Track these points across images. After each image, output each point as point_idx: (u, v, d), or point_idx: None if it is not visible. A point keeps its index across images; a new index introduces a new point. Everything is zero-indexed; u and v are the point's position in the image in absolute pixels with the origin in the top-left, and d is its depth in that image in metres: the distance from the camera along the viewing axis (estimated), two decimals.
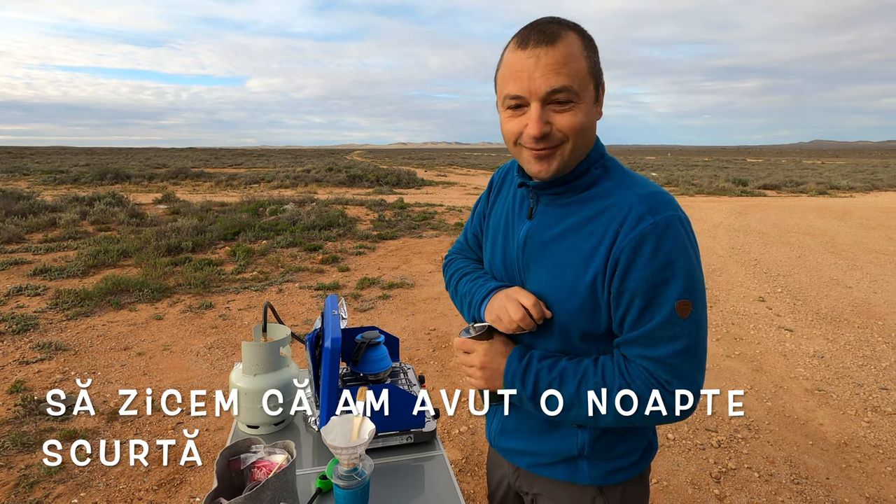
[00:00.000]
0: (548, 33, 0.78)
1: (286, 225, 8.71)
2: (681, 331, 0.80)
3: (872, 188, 20.16)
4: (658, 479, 2.57)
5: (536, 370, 0.89)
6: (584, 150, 0.85)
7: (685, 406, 0.82)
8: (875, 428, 3.06)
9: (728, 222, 10.65)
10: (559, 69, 0.77)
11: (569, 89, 0.78)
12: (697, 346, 0.81)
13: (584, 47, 0.80)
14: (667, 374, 0.81)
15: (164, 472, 2.52)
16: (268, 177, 20.61)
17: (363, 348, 1.57)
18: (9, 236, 7.49)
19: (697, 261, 0.83)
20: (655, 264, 0.78)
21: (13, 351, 3.87)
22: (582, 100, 0.80)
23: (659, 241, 0.78)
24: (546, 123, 0.80)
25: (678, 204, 0.84)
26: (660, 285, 0.79)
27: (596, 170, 0.88)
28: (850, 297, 5.59)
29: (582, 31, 0.82)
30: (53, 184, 17.84)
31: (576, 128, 0.81)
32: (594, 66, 0.82)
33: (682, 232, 0.80)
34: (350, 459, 1.07)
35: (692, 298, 0.80)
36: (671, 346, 0.80)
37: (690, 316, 0.80)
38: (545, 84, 0.77)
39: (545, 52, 0.77)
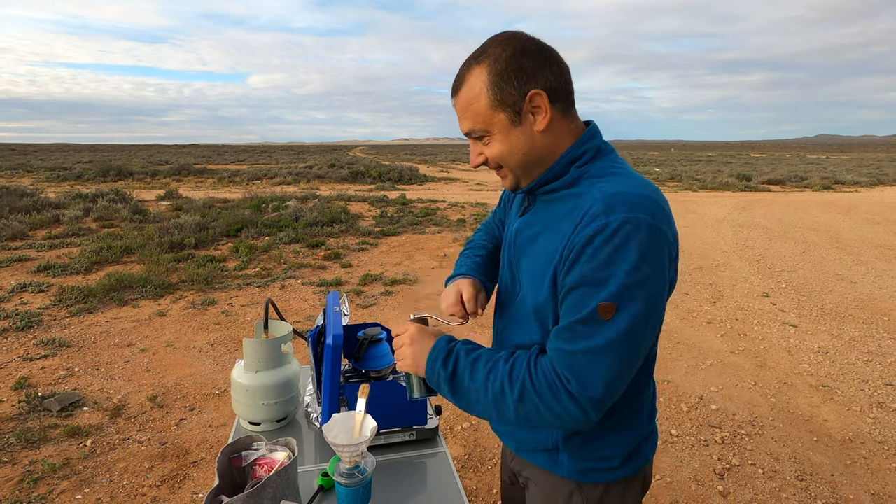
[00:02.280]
0: (455, 84, 0.90)
1: (289, 221, 8.71)
2: (596, 331, 0.78)
3: (878, 183, 20.03)
4: (661, 475, 2.56)
5: (457, 354, 0.90)
6: (533, 165, 0.90)
7: (577, 411, 0.79)
8: (880, 424, 3.04)
9: (732, 217, 10.60)
10: (464, 114, 0.89)
11: (474, 129, 0.89)
12: (612, 351, 0.78)
13: (487, 81, 0.85)
14: (569, 370, 0.79)
15: (167, 468, 2.53)
16: (270, 173, 20.63)
17: (365, 345, 1.56)
18: (13, 233, 7.52)
19: (647, 271, 0.77)
20: (594, 263, 0.78)
21: (17, 347, 3.89)
22: (493, 131, 0.88)
23: (605, 242, 0.77)
24: (479, 154, 0.92)
25: (649, 205, 0.79)
26: (594, 284, 0.78)
27: (577, 169, 0.89)
28: (855, 292, 5.56)
29: (494, 59, 0.85)
30: (57, 181, 17.88)
31: (499, 155, 0.90)
32: (499, 94, 0.85)
33: (632, 235, 0.76)
34: (352, 457, 1.07)
35: (618, 303, 0.76)
36: (581, 344, 0.79)
37: (612, 321, 0.77)
38: (462, 128, 0.91)
39: (455, 101, 0.91)
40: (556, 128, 0.88)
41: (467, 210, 11.14)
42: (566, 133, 0.90)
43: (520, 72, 0.84)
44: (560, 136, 0.89)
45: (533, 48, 0.85)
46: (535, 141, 0.88)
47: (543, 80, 0.85)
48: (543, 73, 0.85)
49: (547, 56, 0.86)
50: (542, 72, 0.85)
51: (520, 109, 0.85)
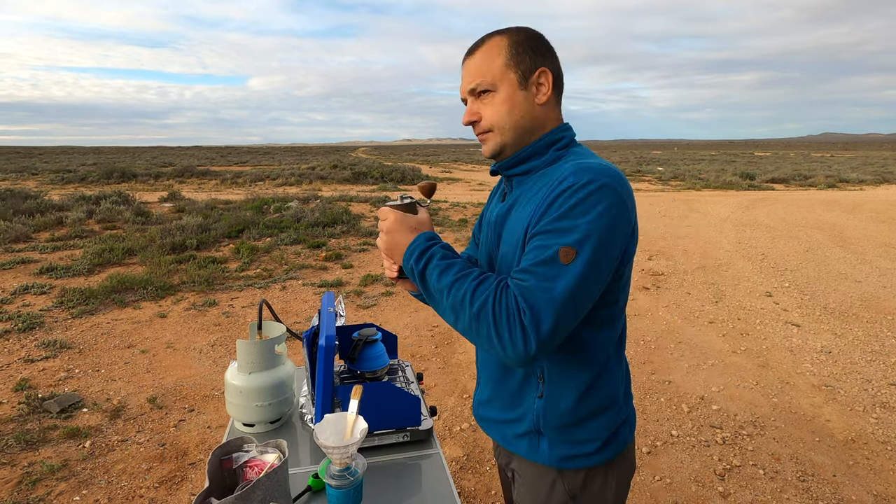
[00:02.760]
0: (473, 45, 1.00)
1: (290, 222, 8.72)
2: (556, 271, 0.83)
3: (883, 181, 19.91)
4: (661, 476, 2.55)
5: (432, 253, 0.94)
6: (523, 131, 0.98)
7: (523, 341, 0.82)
8: (883, 424, 3.01)
9: (735, 216, 10.55)
10: (476, 70, 0.98)
11: (481, 83, 0.97)
12: (567, 294, 0.82)
13: (507, 45, 0.96)
14: (526, 302, 0.83)
15: (165, 470, 2.53)
16: (272, 174, 20.67)
17: (360, 346, 1.55)
18: (16, 235, 7.55)
19: (607, 228, 0.84)
20: (559, 212, 0.85)
21: (19, 349, 3.90)
22: (499, 88, 0.96)
23: (571, 195, 0.85)
24: (474, 113, 1.00)
25: (616, 179, 0.87)
26: (556, 232, 0.85)
27: (556, 152, 0.98)
28: (859, 291, 5.52)
29: (515, 32, 0.97)
30: (61, 183, 17.97)
31: (494, 115, 0.97)
32: (515, 58, 0.96)
33: (596, 195, 0.84)
34: (342, 458, 1.06)
35: (578, 249, 0.83)
36: (543, 283, 0.83)
37: (571, 264, 0.83)
38: (466, 85, 1.00)
39: (468, 60, 1.00)
40: (549, 107, 0.99)
41: (469, 210, 11.13)
42: (554, 117, 1.01)
43: (535, 49, 0.97)
44: (550, 116, 1.00)
45: (544, 40, 0.99)
46: (532, 109, 0.98)
47: (551, 63, 0.98)
48: (552, 59, 0.98)
49: (553, 49, 1.00)
50: (550, 56, 0.98)
51: (528, 77, 0.96)
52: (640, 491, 2.43)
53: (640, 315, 4.78)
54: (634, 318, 4.71)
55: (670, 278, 6.01)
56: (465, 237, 8.12)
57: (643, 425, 2.99)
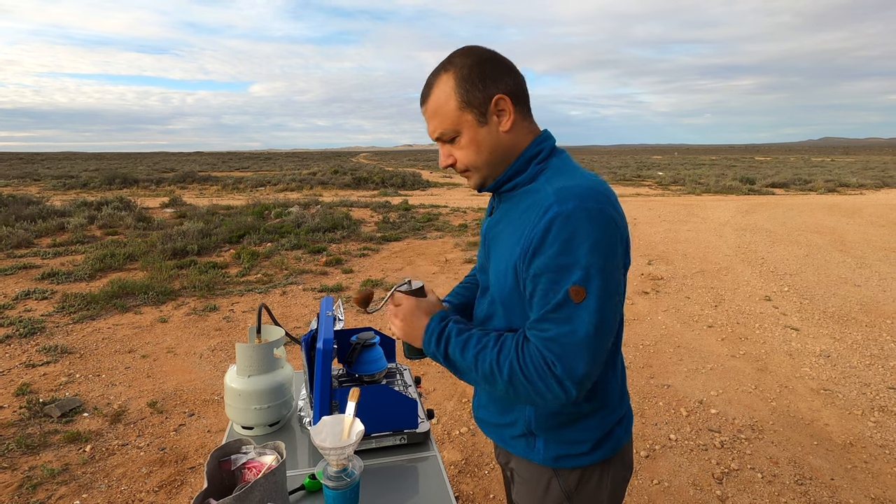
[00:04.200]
0: (423, 92, 0.97)
1: (291, 227, 8.75)
2: (573, 314, 0.84)
3: (883, 185, 19.93)
4: (659, 479, 2.55)
5: (448, 333, 0.98)
6: (498, 162, 0.97)
7: (562, 389, 0.86)
8: (882, 428, 3.02)
9: (735, 221, 10.57)
10: (433, 119, 0.96)
11: (444, 132, 0.96)
12: (591, 332, 0.84)
13: (454, 84, 0.93)
14: (553, 353, 0.85)
15: (165, 474, 2.54)
16: (274, 180, 20.72)
17: (358, 349, 1.57)
18: (18, 241, 7.59)
19: (604, 253, 0.84)
20: (554, 250, 0.85)
21: (20, 354, 3.92)
22: (462, 131, 0.95)
23: (561, 227, 0.84)
24: (448, 156, 0.99)
25: (599, 196, 0.87)
26: (558, 270, 0.85)
27: (536, 166, 0.97)
28: (859, 295, 5.53)
29: (460, 65, 0.93)
30: (63, 189, 18.04)
31: (468, 154, 0.96)
32: (466, 96, 0.92)
33: (584, 221, 0.84)
34: (339, 460, 1.07)
35: (587, 285, 0.84)
36: (563, 328, 0.85)
37: (584, 302, 0.84)
38: (430, 134, 0.98)
39: (424, 108, 0.98)
40: (517, 128, 0.96)
41: (469, 215, 11.15)
42: (526, 133, 0.98)
43: (484, 77, 0.92)
44: (521, 136, 0.97)
45: (492, 57, 0.94)
46: (500, 140, 0.95)
47: (505, 84, 0.93)
48: (504, 79, 0.94)
49: (505, 64, 0.95)
50: (502, 77, 0.94)
51: (485, 111, 0.93)
52: (638, 495, 2.44)
53: (639, 319, 4.79)
54: (633, 322, 4.72)
55: (670, 283, 6.02)
56: (465, 242, 8.14)
57: (641, 429, 3.00)
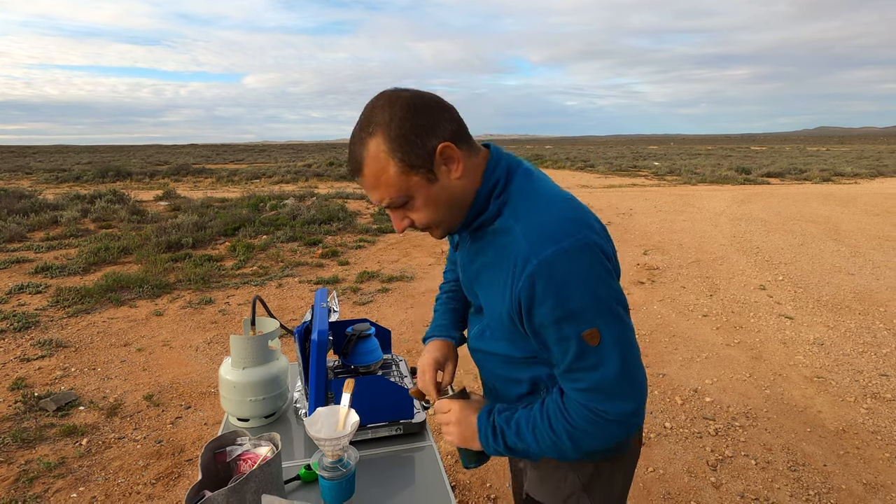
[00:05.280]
0: (353, 162, 0.85)
1: (286, 220, 8.71)
2: (597, 358, 0.81)
3: (878, 174, 20.02)
4: (654, 467, 2.57)
5: (499, 426, 0.95)
6: (458, 210, 0.90)
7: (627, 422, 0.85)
8: (874, 414, 3.05)
9: (730, 211, 10.59)
10: (375, 190, 0.85)
11: (394, 200, 0.85)
12: (621, 366, 0.82)
13: (387, 150, 0.81)
14: (600, 402, 0.84)
15: (162, 466, 2.54)
16: (269, 172, 20.62)
17: (353, 340, 1.57)
18: (11, 235, 7.52)
19: (598, 285, 0.81)
20: (550, 302, 0.80)
21: (14, 348, 3.90)
22: (412, 195, 0.85)
23: (547, 280, 0.79)
24: (404, 219, 0.90)
25: (572, 227, 0.81)
26: (561, 321, 0.81)
27: (496, 200, 0.89)
28: (852, 284, 5.57)
29: (386, 125, 0.80)
30: (56, 182, 17.89)
31: (425, 218, 0.89)
32: (405, 159, 0.81)
33: (568, 264, 0.79)
34: (334, 451, 1.07)
35: (597, 325, 0.80)
36: (594, 375, 0.83)
37: (602, 342, 0.81)
38: (377, 203, 0.88)
39: (360, 181, 0.86)
40: (468, 169, 0.88)
41: None
42: (477, 168, 0.89)
43: (419, 130, 0.81)
44: (474, 174, 0.89)
45: (419, 103, 0.82)
46: (454, 189, 0.87)
47: (443, 129, 0.83)
48: (441, 123, 0.83)
49: (434, 104, 0.84)
50: (439, 123, 0.83)
51: (432, 166, 0.83)
52: (633, 482, 2.45)
53: (634, 309, 4.81)
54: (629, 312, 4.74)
55: (665, 272, 6.04)
56: None
57: None
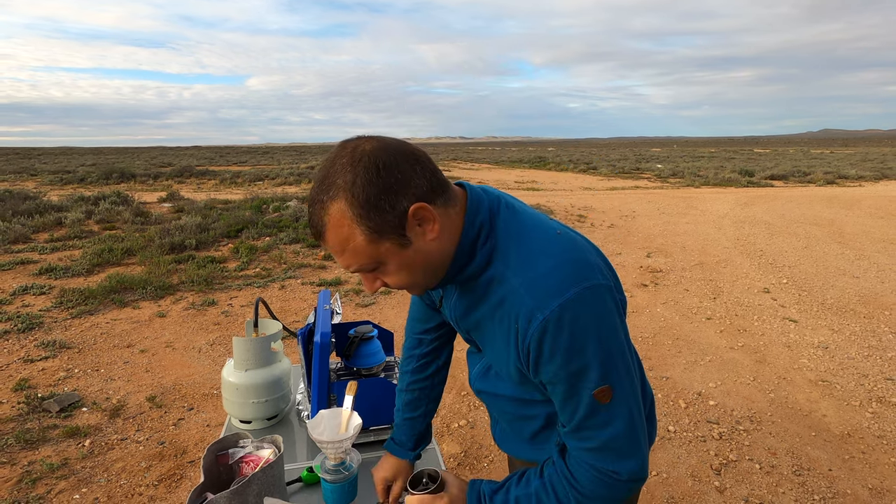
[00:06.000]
0: (315, 227, 0.76)
1: (289, 222, 8.72)
2: (608, 416, 0.78)
3: (882, 177, 19.93)
4: (658, 471, 2.56)
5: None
6: (437, 270, 0.81)
7: (639, 479, 0.82)
8: (879, 419, 3.03)
9: (734, 213, 10.56)
10: (341, 255, 0.76)
11: (364, 266, 0.77)
12: (631, 422, 0.79)
13: (352, 216, 0.71)
14: (610, 462, 0.79)
15: (164, 468, 2.54)
16: (272, 174, 20.67)
17: (356, 343, 1.56)
18: (15, 236, 7.56)
19: (609, 336, 0.76)
20: (559, 360, 0.75)
21: (18, 349, 3.91)
22: (383, 261, 0.77)
23: (555, 336, 0.73)
24: (375, 281, 0.81)
25: (574, 275, 0.75)
26: (571, 377, 0.76)
27: (483, 247, 0.80)
28: (857, 287, 5.54)
29: (350, 187, 0.71)
30: (60, 184, 17.97)
31: (399, 281, 0.80)
32: (373, 226, 0.72)
33: (577, 317, 0.73)
34: (336, 453, 1.07)
35: (609, 382, 0.76)
36: (604, 433, 0.79)
37: (613, 398, 0.77)
38: (345, 268, 0.79)
39: (325, 245, 0.77)
40: (445, 227, 0.78)
41: None
42: (455, 220, 0.79)
43: (387, 192, 0.71)
44: (453, 228, 0.79)
45: (386, 159, 0.72)
46: (431, 250, 0.78)
47: (415, 188, 0.73)
48: (412, 181, 0.73)
49: (404, 160, 0.73)
50: (409, 181, 0.73)
51: (403, 231, 0.74)
52: None
53: (637, 312, 4.80)
54: (632, 314, 4.72)
55: (668, 275, 6.02)
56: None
57: None
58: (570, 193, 14.55)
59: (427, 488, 0.93)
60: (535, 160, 34.73)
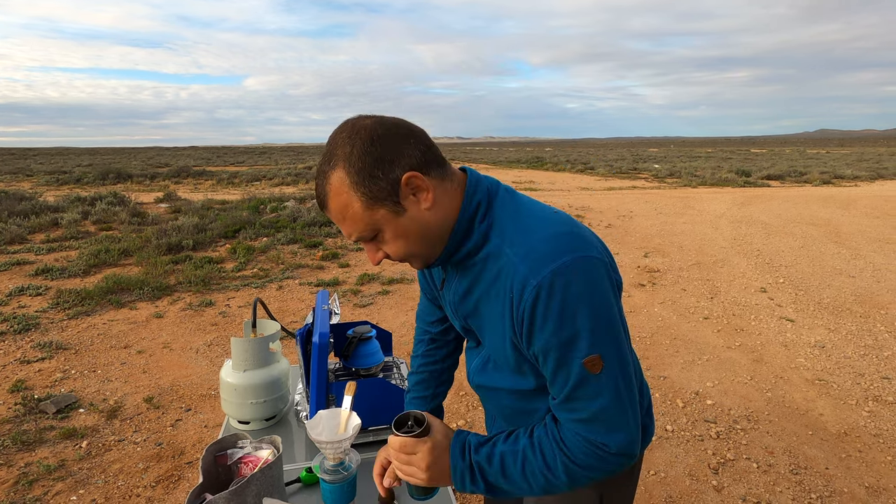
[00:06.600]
0: (318, 197, 0.82)
1: (287, 222, 8.71)
2: (597, 387, 0.78)
3: (878, 177, 20.03)
4: (656, 470, 2.56)
5: (478, 465, 0.86)
6: (436, 241, 0.85)
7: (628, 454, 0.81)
8: (876, 417, 3.04)
9: (731, 213, 10.59)
10: (343, 223, 0.82)
11: (363, 235, 0.82)
12: (621, 394, 0.79)
13: (350, 184, 0.77)
14: (600, 434, 0.80)
15: (162, 469, 2.53)
16: (269, 174, 20.63)
17: (354, 343, 1.56)
18: (11, 237, 7.53)
19: (601, 304, 0.77)
20: (551, 327, 0.76)
21: (14, 350, 3.90)
22: (380, 228, 0.81)
23: (547, 303, 0.75)
24: (377, 252, 0.86)
25: (568, 244, 0.77)
26: (562, 346, 0.77)
27: (481, 224, 0.84)
28: (853, 286, 5.56)
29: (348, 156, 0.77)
30: (56, 184, 17.90)
31: (398, 250, 0.84)
32: (369, 193, 0.77)
33: (569, 283, 0.75)
34: (335, 454, 1.07)
35: (599, 351, 0.76)
36: (593, 404, 0.79)
37: (603, 369, 0.77)
38: (347, 236, 0.84)
39: (328, 213, 0.83)
40: (441, 198, 0.82)
41: None
42: (453, 195, 0.84)
43: (380, 161, 0.77)
44: (449, 202, 0.84)
45: (381, 132, 0.78)
46: (427, 220, 0.82)
47: (408, 157, 0.78)
48: (405, 152, 0.78)
49: (398, 133, 0.79)
50: (402, 152, 0.78)
51: (398, 199, 0.79)
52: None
53: (635, 311, 4.81)
54: (630, 314, 4.73)
55: (666, 275, 6.04)
56: None
57: None
58: (568, 193, 14.57)
59: (412, 431, 0.90)
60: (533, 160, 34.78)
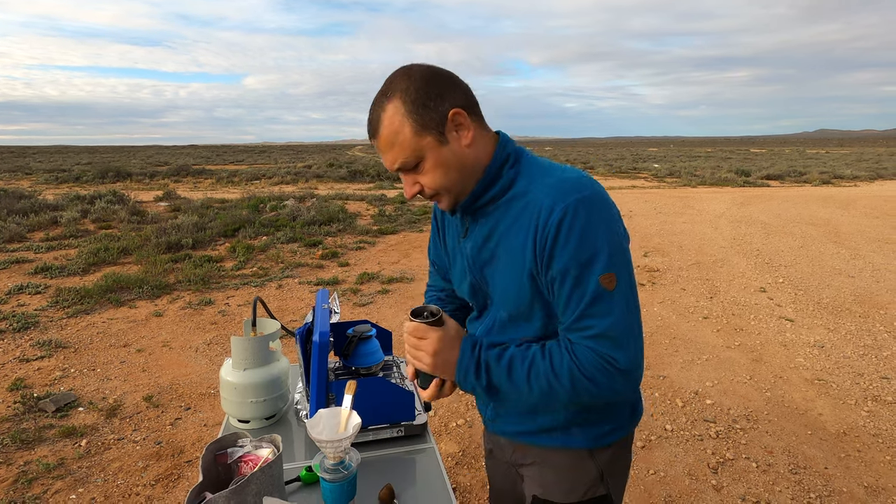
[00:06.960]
0: (372, 125, 0.91)
1: (286, 221, 8.71)
2: (610, 304, 0.85)
3: (877, 177, 20.04)
4: (655, 469, 2.57)
5: (486, 361, 0.94)
6: (468, 178, 0.94)
7: (632, 375, 0.87)
8: (875, 417, 3.04)
9: (730, 213, 10.60)
10: (390, 150, 0.90)
11: (406, 162, 0.90)
12: (630, 314, 0.86)
13: (404, 111, 0.87)
14: (608, 348, 0.85)
15: (161, 467, 2.53)
16: (269, 173, 20.62)
17: (354, 342, 1.56)
18: (10, 235, 7.52)
19: (616, 234, 0.86)
20: (571, 246, 0.84)
21: (14, 349, 3.89)
22: (424, 157, 0.90)
23: (571, 223, 0.84)
24: (415, 184, 0.94)
25: (590, 183, 0.88)
26: (583, 264, 0.84)
27: (510, 170, 0.94)
28: (853, 286, 5.57)
29: (404, 90, 0.87)
30: (55, 183, 17.88)
31: (434, 181, 0.92)
32: (420, 120, 0.87)
33: (591, 210, 0.85)
34: (335, 453, 1.07)
35: (614, 269, 0.84)
36: (604, 321, 0.85)
37: (617, 287, 0.85)
38: (390, 166, 0.93)
39: (376, 143, 0.92)
40: (478, 139, 0.93)
41: None
42: (488, 142, 0.95)
43: (433, 95, 0.88)
44: (483, 146, 0.94)
45: (435, 72, 0.90)
46: (464, 156, 0.92)
47: (456, 97, 0.89)
48: (454, 92, 0.90)
49: (449, 77, 0.91)
50: (451, 91, 0.90)
51: (443, 130, 0.89)
52: (634, 485, 2.45)
53: None
54: None
55: (665, 274, 6.04)
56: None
57: None
58: None
59: (427, 320, 0.96)
60: None
